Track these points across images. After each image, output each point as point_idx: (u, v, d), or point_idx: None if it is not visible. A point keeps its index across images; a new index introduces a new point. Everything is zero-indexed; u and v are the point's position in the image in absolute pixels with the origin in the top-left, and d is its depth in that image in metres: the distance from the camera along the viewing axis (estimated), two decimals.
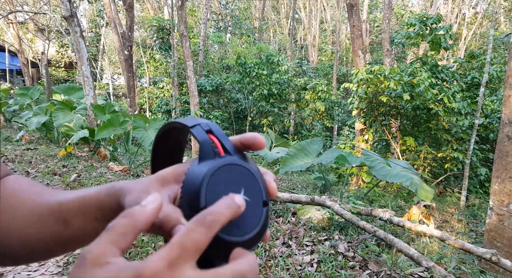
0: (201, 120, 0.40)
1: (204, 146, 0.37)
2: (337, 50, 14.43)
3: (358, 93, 8.38)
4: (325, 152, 5.77)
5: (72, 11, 8.11)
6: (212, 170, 0.35)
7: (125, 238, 0.30)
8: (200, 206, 0.33)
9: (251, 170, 0.37)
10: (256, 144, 0.39)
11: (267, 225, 0.36)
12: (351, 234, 3.51)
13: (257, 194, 0.36)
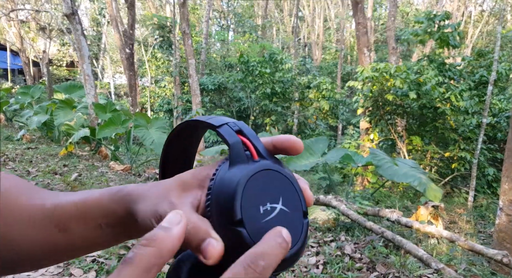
0: (227, 119, 0.35)
1: (236, 148, 0.33)
2: (342, 48, 14.29)
3: (363, 92, 8.28)
4: (330, 151, 5.66)
5: (73, 9, 8.08)
6: (247, 176, 0.30)
7: (149, 274, 0.25)
8: (235, 218, 0.29)
9: (288, 177, 0.32)
10: (292, 147, 0.34)
11: (308, 239, 0.33)
12: (357, 235, 3.46)
13: (297, 204, 0.32)
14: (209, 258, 0.28)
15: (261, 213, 0.30)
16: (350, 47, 22.38)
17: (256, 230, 0.29)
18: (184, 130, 0.39)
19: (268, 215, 0.31)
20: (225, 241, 0.30)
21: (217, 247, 0.29)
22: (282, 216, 0.31)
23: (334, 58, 21.21)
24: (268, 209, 0.31)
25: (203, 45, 13.89)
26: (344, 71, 16.71)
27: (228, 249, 0.29)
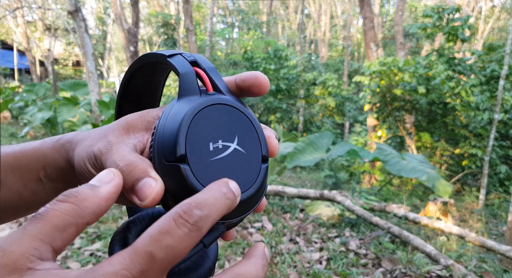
0: (184, 52, 0.31)
1: (186, 79, 0.29)
2: (348, 44, 14.06)
3: (371, 87, 8.10)
4: (336, 145, 5.48)
5: (77, 6, 8.08)
6: (196, 108, 0.27)
7: (63, 234, 0.21)
8: (177, 153, 0.25)
9: (248, 115, 0.29)
10: (257, 84, 0.31)
11: (265, 189, 0.29)
12: (363, 231, 3.37)
13: (255, 146, 0.29)
14: (144, 199, 0.25)
15: (210, 150, 0.27)
16: (357, 44, 22.14)
17: (203, 169, 0.26)
18: (142, 68, 0.34)
19: (218, 153, 0.27)
20: (166, 182, 0.26)
21: (155, 187, 0.25)
22: (235, 157, 0.28)
23: (340, 55, 20.99)
24: (220, 147, 0.27)
25: (208, 42, 13.80)
26: (351, 68, 16.45)
27: (170, 191, 0.26)
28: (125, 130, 0.30)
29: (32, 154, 0.34)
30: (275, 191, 4.25)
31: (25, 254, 0.20)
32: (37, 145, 0.35)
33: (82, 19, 8.16)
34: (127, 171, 0.26)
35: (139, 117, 0.31)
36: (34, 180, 0.34)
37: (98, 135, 0.30)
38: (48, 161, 0.33)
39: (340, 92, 10.56)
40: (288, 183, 6.37)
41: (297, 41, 17.84)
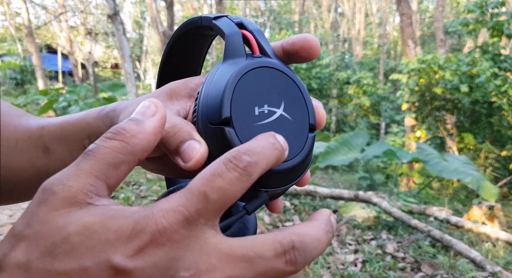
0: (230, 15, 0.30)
1: (232, 40, 0.28)
2: (384, 42, 13.62)
3: (409, 85, 7.79)
4: (371, 145, 5.29)
5: (116, 9, 8.39)
6: (242, 70, 0.26)
7: (116, 171, 0.22)
8: (222, 116, 0.25)
9: (296, 81, 0.28)
10: (306, 47, 0.29)
11: (311, 160, 0.28)
12: (401, 233, 3.23)
13: (302, 114, 0.28)
14: (188, 160, 0.25)
15: (255, 114, 0.26)
16: (394, 42, 21.44)
17: (247, 132, 0.25)
18: (185, 34, 0.33)
19: (264, 118, 0.26)
20: (210, 145, 0.26)
21: (199, 149, 0.25)
22: (281, 123, 0.27)
23: (376, 54, 20.40)
24: (266, 112, 0.26)
25: None
26: (387, 66, 15.91)
27: (214, 155, 0.25)
28: (168, 97, 0.30)
29: (77, 124, 0.35)
30: (307, 190, 4.15)
31: (83, 189, 0.20)
32: (82, 115, 0.36)
33: (121, 23, 8.46)
34: (172, 133, 0.26)
35: (182, 84, 0.31)
36: (79, 149, 0.35)
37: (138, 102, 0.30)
38: (92, 130, 0.34)
39: (376, 91, 10.21)
40: (320, 184, 6.22)
41: (330, 40, 17.56)
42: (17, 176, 0.38)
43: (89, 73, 17.30)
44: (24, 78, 17.14)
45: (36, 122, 0.38)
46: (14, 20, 18.23)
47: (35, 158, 0.37)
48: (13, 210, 3.60)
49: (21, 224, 0.20)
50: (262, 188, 0.26)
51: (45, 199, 0.20)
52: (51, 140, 0.36)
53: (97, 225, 0.19)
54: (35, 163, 0.37)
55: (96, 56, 20.98)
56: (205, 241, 0.20)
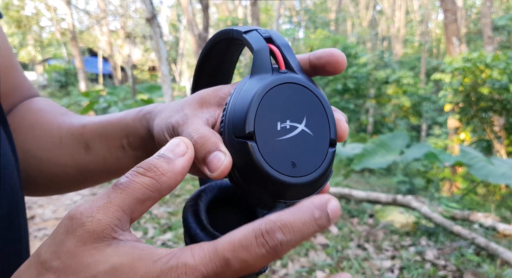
0: (259, 28, 0.32)
1: (260, 55, 0.29)
2: (426, 40, 13.02)
3: (452, 85, 7.37)
4: (411, 147, 5.00)
5: (154, 13, 8.60)
6: (267, 86, 0.28)
7: (142, 206, 0.23)
8: (245, 130, 0.27)
9: (319, 96, 0.29)
10: (333, 62, 0.30)
11: (330, 173, 0.29)
12: (442, 240, 3.04)
13: (324, 129, 0.29)
14: (214, 170, 0.27)
15: (277, 130, 0.27)
16: (436, 40, 20.48)
17: (269, 147, 0.27)
18: (218, 43, 0.35)
19: (285, 133, 0.27)
20: (234, 157, 0.27)
21: (224, 160, 0.27)
22: (302, 138, 0.28)
23: (417, 52, 19.56)
24: (288, 127, 0.28)
25: None
26: (429, 65, 15.16)
27: (237, 166, 0.27)
28: (199, 105, 0.32)
29: (117, 124, 0.38)
30: (341, 193, 3.98)
31: (111, 223, 0.21)
32: (121, 115, 0.38)
33: (158, 26, 8.68)
34: (200, 143, 0.27)
35: (212, 93, 0.32)
36: (118, 147, 0.38)
37: (176, 108, 0.32)
38: (130, 130, 0.37)
39: (417, 91, 9.72)
40: (356, 187, 5.98)
41: (368, 39, 17.06)
42: (60, 170, 0.41)
43: (128, 75, 17.92)
44: (68, 80, 18.05)
45: (78, 121, 0.42)
46: (60, 25, 19.27)
47: (77, 154, 0.40)
48: (57, 205, 3.73)
49: (48, 252, 0.21)
50: (280, 199, 0.27)
51: (73, 230, 0.21)
52: (92, 138, 0.39)
53: (125, 267, 0.20)
54: (77, 159, 0.40)
55: (134, 59, 21.72)
56: None
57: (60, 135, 0.41)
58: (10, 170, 0.33)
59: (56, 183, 0.42)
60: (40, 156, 0.41)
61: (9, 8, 17.47)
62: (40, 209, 3.62)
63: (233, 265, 0.20)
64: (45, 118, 0.43)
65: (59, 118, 0.43)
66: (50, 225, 3.22)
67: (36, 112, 0.44)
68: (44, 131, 0.42)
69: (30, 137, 0.42)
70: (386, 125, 11.28)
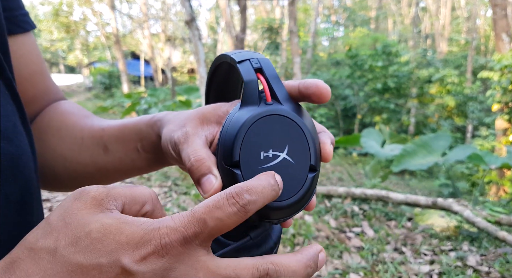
0: (256, 54, 0.35)
1: (249, 87, 0.33)
2: (473, 38, 12.33)
3: (501, 83, 6.95)
4: (454, 149, 4.77)
5: (192, 16, 8.80)
6: (253, 119, 0.31)
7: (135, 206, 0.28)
8: (232, 159, 0.30)
9: (301, 125, 0.32)
10: (317, 94, 0.33)
11: (311, 195, 0.32)
12: (485, 246, 2.89)
13: (304, 156, 0.31)
14: (206, 192, 0.31)
15: (261, 158, 0.30)
16: (485, 37, 19.31)
17: (253, 174, 0.29)
18: (221, 64, 0.38)
19: (268, 162, 0.30)
20: (224, 181, 0.31)
21: (214, 184, 0.30)
22: (283, 166, 0.30)
23: (462, 50, 18.55)
24: (270, 156, 0.30)
25: (310, 43, 13.61)
26: (476, 63, 14.31)
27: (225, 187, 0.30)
28: (200, 121, 0.35)
29: (132, 128, 0.42)
30: (378, 195, 3.86)
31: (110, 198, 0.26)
32: (136, 121, 0.42)
33: (196, 28, 8.85)
34: (196, 166, 0.31)
35: (212, 111, 0.36)
36: (133, 149, 0.42)
37: (179, 123, 0.36)
38: (143, 135, 0.40)
39: (462, 90, 9.22)
40: (395, 190, 5.77)
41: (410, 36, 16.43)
42: (81, 169, 0.44)
43: (168, 77, 18.47)
44: (111, 82, 18.89)
45: (98, 124, 0.45)
46: (104, 30, 20.23)
47: (96, 155, 0.44)
48: None
49: (56, 215, 0.25)
50: (265, 219, 0.30)
51: (80, 197, 0.25)
52: (110, 140, 0.43)
53: (113, 227, 0.23)
54: (96, 159, 0.44)
55: (174, 61, 22.35)
56: (197, 258, 0.24)
57: (82, 137, 0.45)
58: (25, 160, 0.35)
59: (77, 181, 0.46)
60: (65, 155, 0.45)
61: (59, 14, 18.59)
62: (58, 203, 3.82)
63: (209, 224, 0.24)
64: (70, 120, 0.47)
65: (82, 120, 0.47)
66: None
67: (62, 114, 0.48)
68: (68, 132, 0.46)
69: (57, 138, 0.45)
70: (429, 126, 10.77)
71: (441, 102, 9.68)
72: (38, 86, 0.50)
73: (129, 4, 22.83)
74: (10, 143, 0.33)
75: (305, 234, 2.93)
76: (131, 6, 27.57)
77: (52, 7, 18.66)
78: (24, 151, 0.35)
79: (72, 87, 23.47)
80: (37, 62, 0.50)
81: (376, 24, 18.49)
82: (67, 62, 34.01)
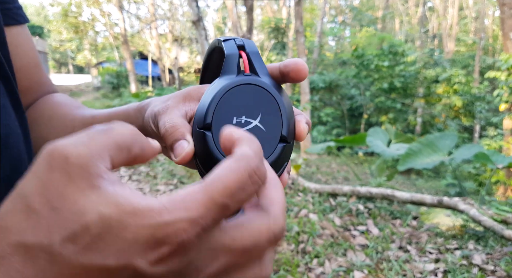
0: (240, 38, 0.36)
1: (229, 59, 0.34)
2: (481, 38, 12.22)
3: (509, 83, 6.88)
4: (461, 148, 4.75)
5: (199, 16, 8.85)
6: (229, 86, 0.32)
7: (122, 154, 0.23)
8: (204, 122, 0.31)
9: (275, 97, 0.33)
10: (295, 70, 0.34)
11: (282, 166, 0.33)
12: (491, 245, 2.87)
13: (276, 126, 0.32)
14: (177, 156, 0.31)
15: (233, 123, 0.31)
16: (493, 37, 19.09)
17: None
18: (214, 50, 0.40)
19: (240, 127, 0.31)
20: (196, 146, 0.31)
21: (186, 148, 0.31)
22: (254, 132, 0.31)
23: (470, 50, 18.36)
24: (242, 122, 0.31)
25: (316, 43, 13.60)
26: (483, 63, 14.16)
27: (197, 154, 0.32)
28: (183, 98, 0.36)
29: (121, 114, 0.43)
30: (383, 194, 3.86)
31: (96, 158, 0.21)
32: (125, 107, 0.43)
33: (203, 28, 8.91)
34: (170, 132, 0.32)
35: (197, 89, 0.37)
36: None
37: (162, 99, 0.37)
38: (131, 119, 0.41)
39: (469, 90, 9.15)
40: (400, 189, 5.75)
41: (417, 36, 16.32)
42: None
43: (175, 77, 18.57)
44: (119, 82, 19.04)
45: (89, 112, 0.47)
46: (113, 30, 20.41)
47: None
48: None
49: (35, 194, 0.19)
50: None
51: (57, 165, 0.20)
52: None
53: (113, 220, 0.19)
54: None
55: (181, 61, 22.45)
56: (212, 239, 0.21)
57: (73, 125, 0.46)
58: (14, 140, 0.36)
59: None
60: None
61: (68, 15, 18.80)
62: None
63: (231, 208, 0.21)
64: (61, 111, 0.49)
65: (73, 110, 0.48)
66: None
67: (54, 105, 0.50)
68: (60, 122, 0.47)
69: (49, 127, 0.47)
70: (436, 126, 10.69)
71: (448, 102, 9.60)
72: (33, 78, 0.51)
73: (137, 4, 22.99)
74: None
75: (309, 231, 2.94)
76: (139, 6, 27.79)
77: (61, 8, 18.87)
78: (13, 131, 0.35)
79: (80, 87, 23.68)
80: (32, 55, 0.51)
81: (383, 24, 18.39)
82: (76, 62, 34.34)
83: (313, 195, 3.99)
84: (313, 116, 11.30)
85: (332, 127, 11.06)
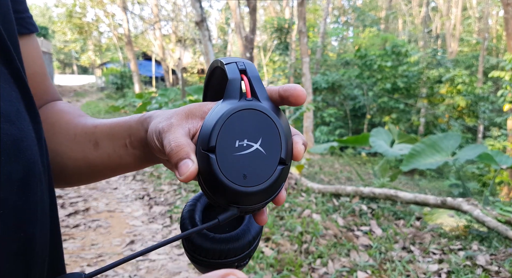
0: (241, 59, 0.38)
1: (232, 84, 0.36)
2: (485, 38, 12.17)
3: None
4: (464, 148, 4.75)
5: (203, 16, 8.89)
6: (232, 110, 0.34)
7: None
8: (209, 144, 0.32)
9: (275, 121, 0.34)
10: (294, 95, 0.36)
11: (280, 187, 0.35)
12: (495, 246, 2.86)
13: (275, 149, 0.34)
14: (181, 174, 0.32)
15: (235, 146, 0.33)
16: (497, 37, 18.98)
17: (226, 160, 0.32)
18: (215, 68, 0.41)
19: (242, 150, 0.33)
20: (200, 166, 0.33)
21: (190, 167, 0.32)
22: (255, 155, 0.33)
23: (473, 50, 18.27)
24: (244, 145, 0.33)
25: (319, 44, 13.59)
26: (487, 63, 14.09)
27: (201, 173, 0.33)
28: (186, 116, 0.37)
29: (122, 125, 0.44)
30: (386, 194, 3.86)
31: None
32: (127, 119, 0.44)
33: (207, 29, 8.94)
34: (175, 151, 0.33)
35: (198, 107, 0.38)
36: (121, 145, 0.43)
37: (166, 116, 0.38)
38: (133, 131, 0.42)
39: (473, 90, 9.11)
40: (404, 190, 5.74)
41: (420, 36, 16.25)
42: (72, 164, 0.46)
43: (178, 78, 18.62)
44: (123, 82, 19.11)
45: (92, 121, 0.48)
46: (117, 31, 20.49)
47: (87, 150, 0.45)
48: (109, 199, 3.97)
49: None
50: (233, 204, 0.33)
51: None
52: (101, 136, 0.45)
53: None
54: (87, 155, 0.45)
55: (185, 62, 22.50)
56: None
57: (75, 133, 0.47)
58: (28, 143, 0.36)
59: (68, 176, 0.48)
60: (57, 150, 0.46)
61: (72, 16, 18.90)
62: (95, 202, 3.86)
63: None
64: (64, 118, 0.49)
65: (76, 118, 0.49)
66: (103, 216, 3.42)
67: (57, 113, 0.50)
68: (62, 129, 0.48)
69: (51, 134, 0.47)
70: (439, 126, 10.65)
71: (451, 102, 9.56)
72: (39, 86, 0.52)
73: (141, 5, 23.08)
74: (12, 125, 0.34)
75: (312, 232, 2.95)
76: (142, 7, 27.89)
77: (65, 9, 18.98)
78: (27, 134, 0.36)
79: (84, 87, 23.80)
80: (39, 64, 0.53)
81: (386, 24, 18.33)
82: (80, 63, 34.52)
83: (316, 195, 4.00)
84: (316, 117, 11.30)
85: (335, 128, 11.04)
